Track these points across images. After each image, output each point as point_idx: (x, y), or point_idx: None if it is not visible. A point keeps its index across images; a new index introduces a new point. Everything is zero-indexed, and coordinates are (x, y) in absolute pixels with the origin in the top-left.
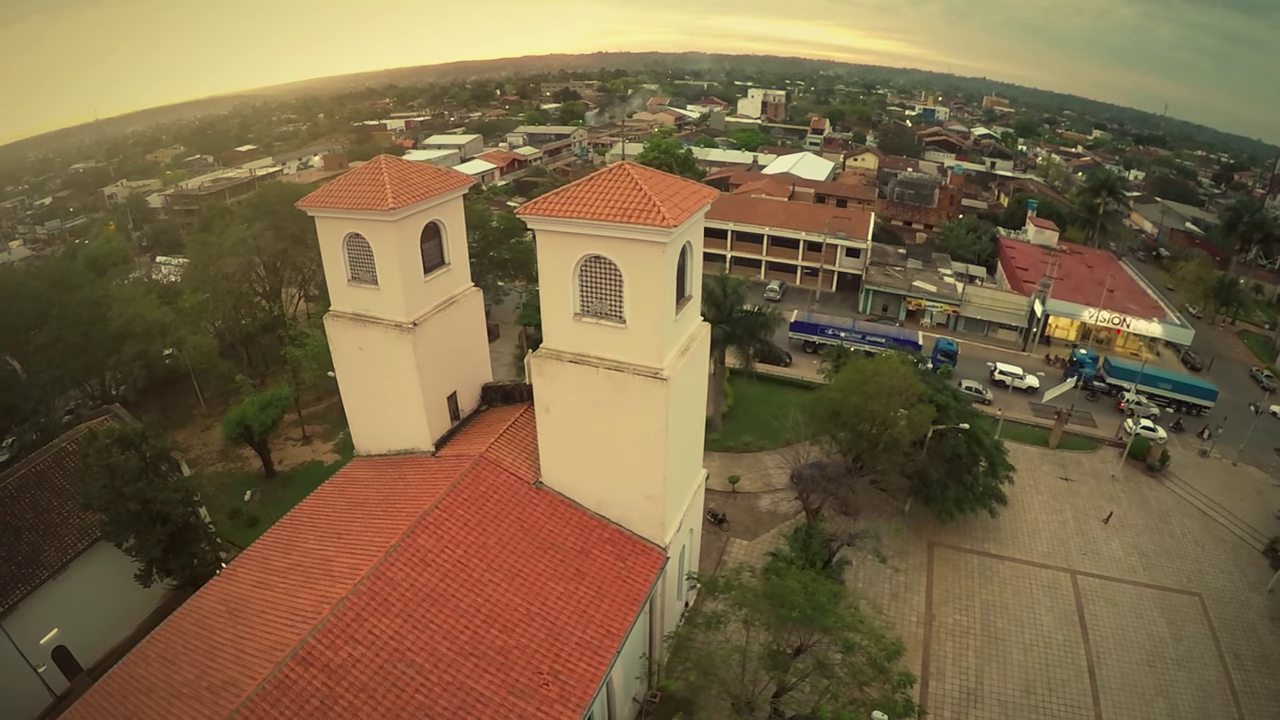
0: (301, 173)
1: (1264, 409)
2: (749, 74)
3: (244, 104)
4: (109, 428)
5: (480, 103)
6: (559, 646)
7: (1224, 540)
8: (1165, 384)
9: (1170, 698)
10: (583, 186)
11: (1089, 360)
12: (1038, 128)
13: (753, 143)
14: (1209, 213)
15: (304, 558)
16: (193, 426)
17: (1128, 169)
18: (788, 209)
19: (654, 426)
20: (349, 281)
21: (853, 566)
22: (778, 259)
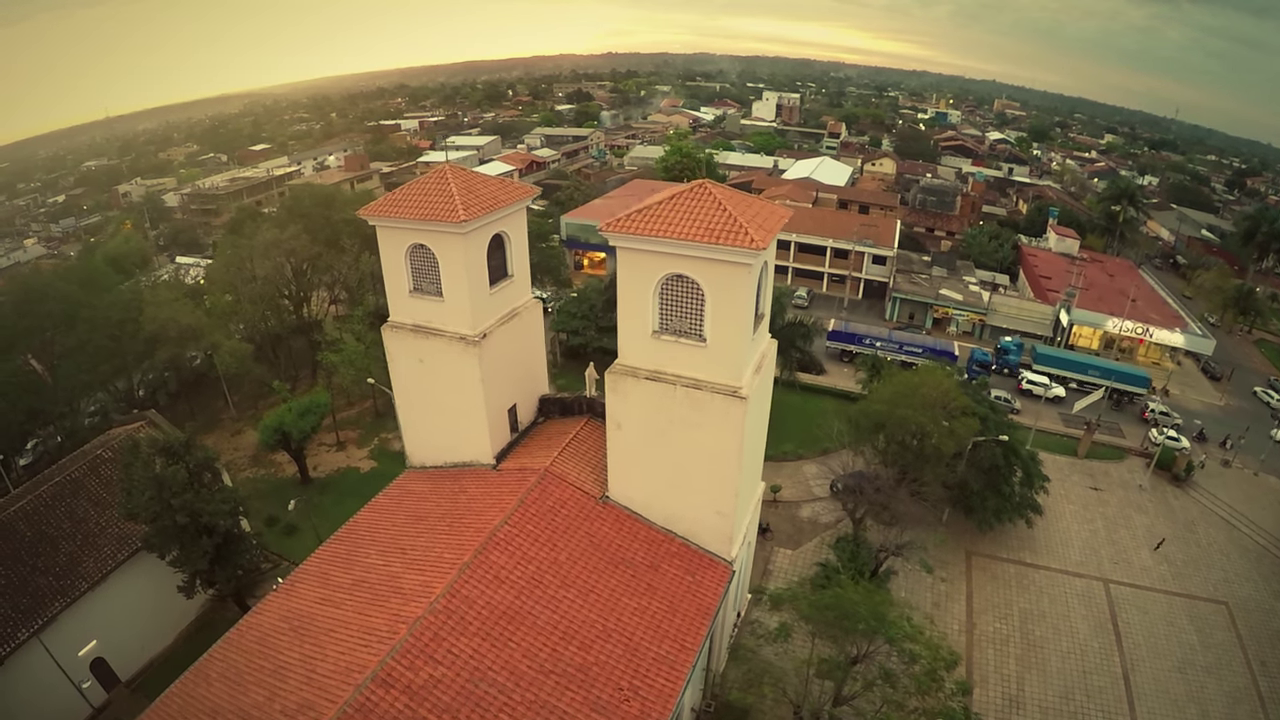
0: (322, 173)
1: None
2: (760, 75)
3: (255, 102)
4: (150, 436)
5: (493, 103)
6: (636, 662)
7: (1248, 550)
8: (1094, 370)
9: (1201, 704)
10: (665, 205)
11: (1014, 348)
12: (1050, 132)
13: (770, 146)
14: (1224, 219)
15: (368, 574)
16: (222, 431)
17: (1142, 174)
18: (814, 215)
19: (729, 444)
20: (411, 292)
21: (897, 576)
22: (804, 266)
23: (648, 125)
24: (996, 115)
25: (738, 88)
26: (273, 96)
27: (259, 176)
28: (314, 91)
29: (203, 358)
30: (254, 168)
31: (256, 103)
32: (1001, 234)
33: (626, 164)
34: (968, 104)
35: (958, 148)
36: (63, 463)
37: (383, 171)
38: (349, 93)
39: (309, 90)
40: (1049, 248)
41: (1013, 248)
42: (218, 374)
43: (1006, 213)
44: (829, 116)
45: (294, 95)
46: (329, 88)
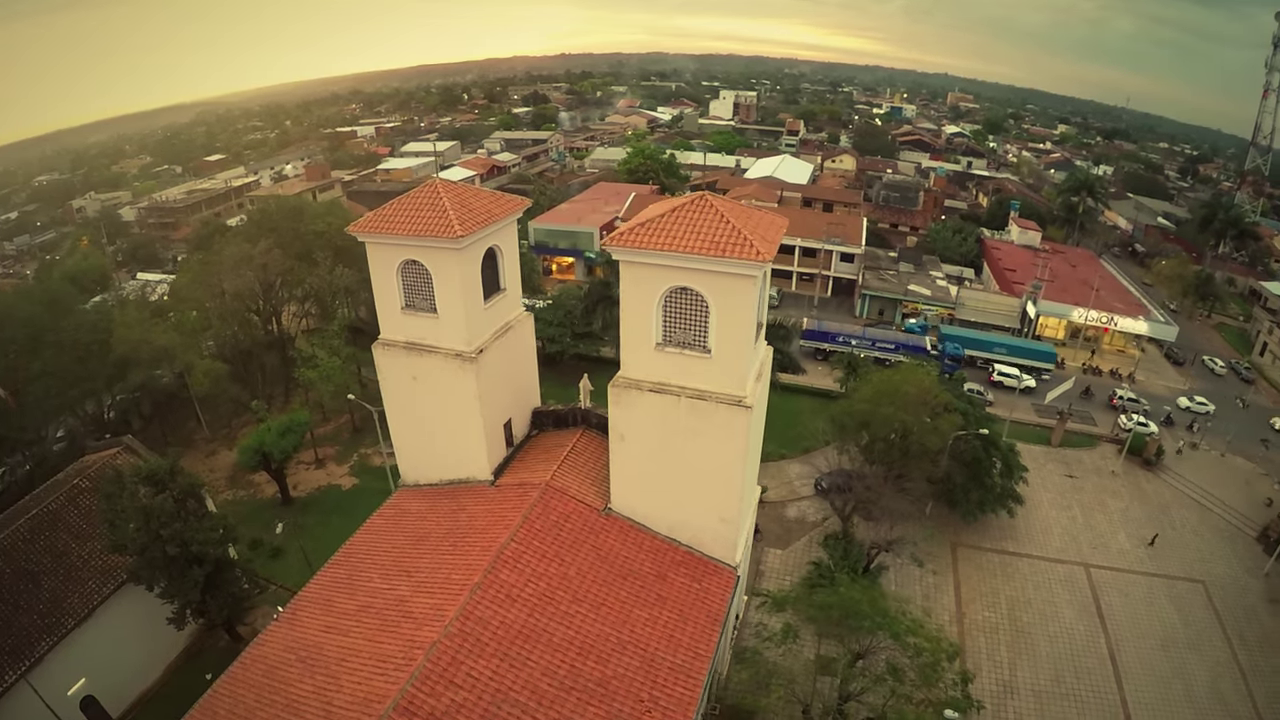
0: (282, 183)
1: (1250, 402)
2: (715, 74)
3: (207, 112)
4: (134, 464)
5: (449, 107)
6: (653, 673)
7: (1220, 529)
8: (999, 348)
9: (1185, 679)
10: (668, 219)
11: (919, 329)
12: (1004, 124)
13: (729, 145)
14: (1179, 207)
15: (373, 599)
16: (196, 452)
17: (1096, 164)
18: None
19: (734, 452)
20: (403, 309)
21: (888, 571)
22: (773, 265)
23: (606, 126)
24: (951, 108)
25: (693, 87)
26: (225, 105)
27: (217, 188)
28: (267, 99)
29: (172, 378)
30: (211, 179)
31: (208, 112)
32: (965, 228)
33: (587, 166)
34: (922, 98)
35: (915, 142)
36: (37, 494)
37: (344, 180)
38: (303, 100)
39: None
40: (1011, 240)
41: (976, 241)
42: (189, 394)
43: (967, 206)
44: (786, 114)
45: (247, 103)
46: (282, 95)
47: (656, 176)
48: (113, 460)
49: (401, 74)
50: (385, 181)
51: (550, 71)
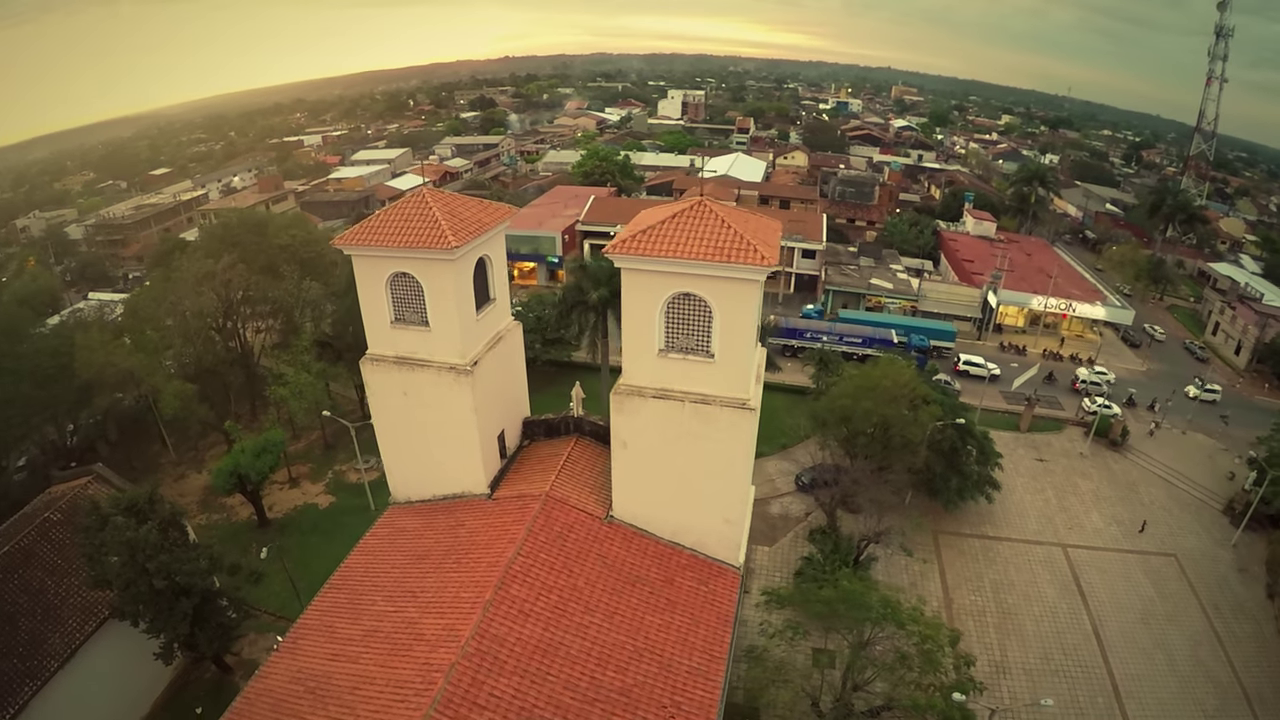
0: (234, 195)
1: (1206, 381)
2: (659, 73)
3: (148, 125)
4: (113, 496)
5: (395, 114)
6: (672, 678)
7: (1187, 504)
8: (900, 329)
9: (1166, 650)
10: (669, 225)
11: (815, 314)
12: (949, 116)
13: (682, 144)
14: (1126, 193)
15: (380, 622)
16: (163, 476)
17: (1043, 154)
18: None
19: (739, 454)
20: (392, 323)
21: (877, 562)
22: None
23: (555, 129)
24: (895, 102)
25: (639, 87)
26: (166, 118)
27: (165, 202)
28: (209, 110)
29: (134, 401)
30: (158, 193)
31: (150, 125)
32: (921, 221)
33: (540, 170)
34: (866, 92)
35: (865, 137)
36: (5, 529)
37: (297, 191)
38: (245, 110)
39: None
40: (967, 231)
41: (933, 234)
42: (153, 417)
43: (920, 199)
44: (735, 112)
45: (188, 115)
46: (224, 105)
47: (613, 178)
48: (83, 490)
49: (345, 81)
50: (338, 191)
51: (495, 75)
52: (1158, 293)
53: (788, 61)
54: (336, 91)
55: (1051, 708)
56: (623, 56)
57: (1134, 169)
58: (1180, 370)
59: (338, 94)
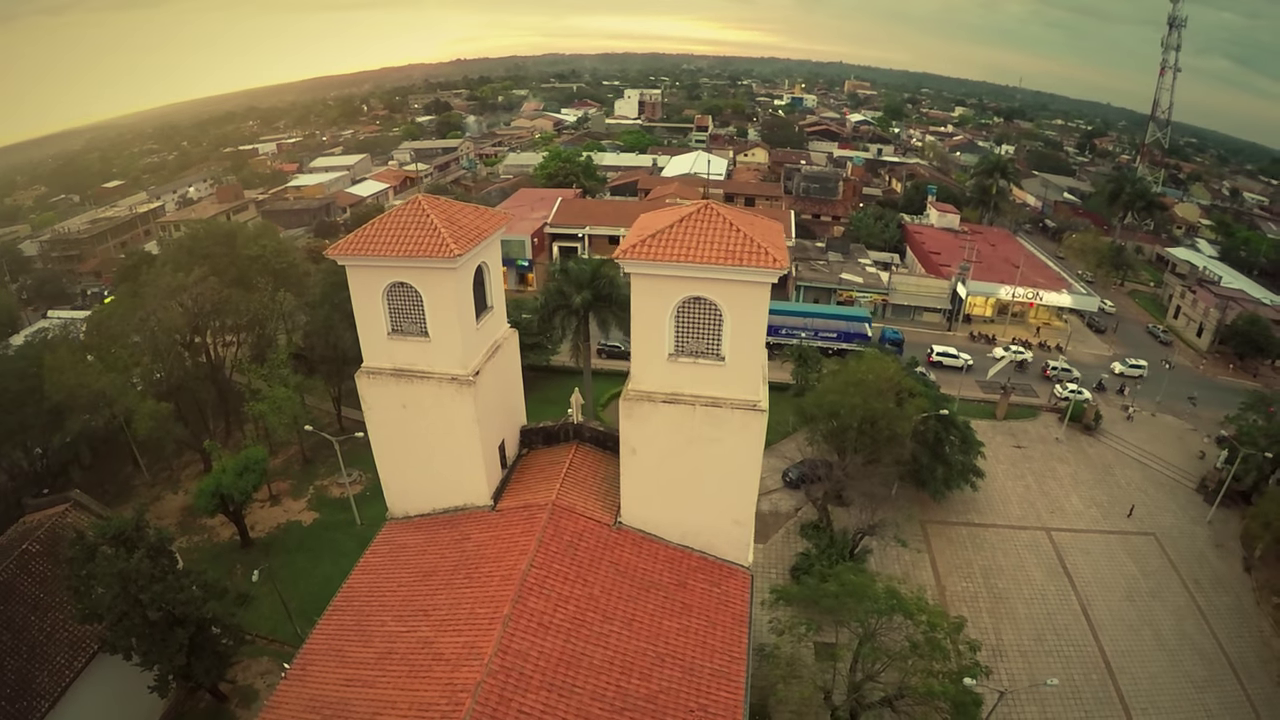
0: (193, 206)
1: (1175, 364)
2: (613, 73)
3: (98, 136)
4: (98, 524)
5: (349, 120)
6: (696, 681)
7: (1161, 484)
8: (819, 317)
9: (1152, 625)
10: (678, 229)
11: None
12: (904, 109)
13: (641, 144)
14: (1082, 181)
15: (393, 644)
16: (138, 498)
17: (999, 144)
18: None
19: (749, 456)
20: (389, 334)
21: (871, 554)
22: None
23: (512, 131)
24: (849, 96)
25: (593, 87)
26: (116, 129)
27: (121, 216)
28: (159, 120)
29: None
30: (113, 206)
31: (100, 137)
32: (885, 214)
33: (501, 172)
34: (820, 87)
35: (823, 132)
36: None
37: (257, 200)
38: (197, 119)
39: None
40: (931, 224)
41: (898, 227)
42: (125, 438)
43: (882, 193)
44: (692, 110)
45: (139, 126)
46: (175, 115)
47: (577, 179)
48: (61, 519)
49: (296, 87)
50: (298, 199)
51: (448, 78)
52: (1119, 279)
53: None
54: (289, 98)
55: (1056, 686)
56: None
57: (1089, 157)
58: (1145, 354)
59: (290, 101)
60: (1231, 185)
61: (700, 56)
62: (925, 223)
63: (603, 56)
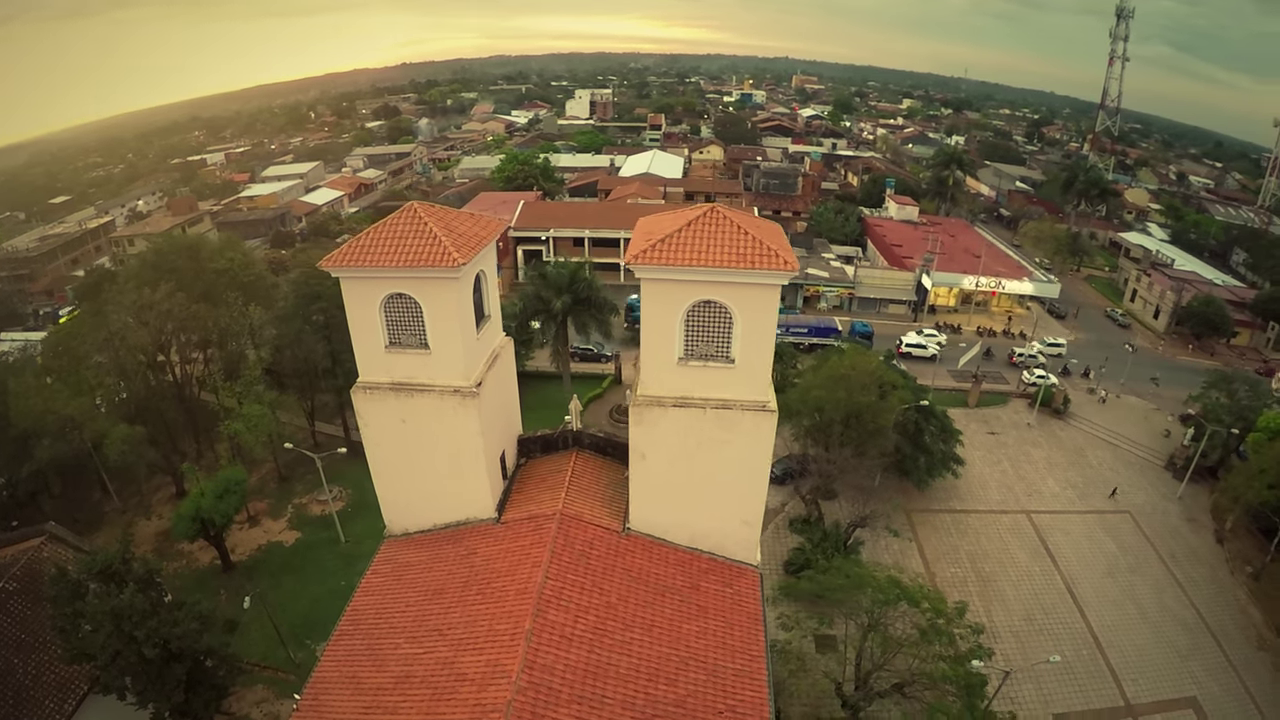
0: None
1: (1137, 347)
2: (561, 73)
3: (40, 151)
4: (83, 559)
5: (297, 127)
6: (721, 683)
7: (1131, 463)
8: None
9: (1135, 599)
10: (686, 233)
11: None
12: (853, 103)
13: (595, 144)
14: (1033, 169)
15: (410, 666)
16: (110, 526)
17: (949, 135)
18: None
19: (759, 457)
20: (387, 348)
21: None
22: None
23: (464, 135)
24: (797, 91)
25: (542, 88)
26: (58, 143)
27: (71, 232)
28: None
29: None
30: (61, 223)
31: (43, 151)
32: (845, 209)
33: (456, 176)
34: (768, 83)
35: (776, 128)
36: None
37: (212, 211)
38: (141, 131)
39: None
40: (891, 217)
41: (858, 221)
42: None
43: (839, 187)
44: (643, 109)
45: (82, 139)
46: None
47: (536, 182)
48: (38, 553)
49: (241, 96)
50: (252, 210)
51: (394, 83)
52: (1075, 265)
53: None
54: (234, 107)
55: (1058, 663)
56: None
57: (1038, 146)
58: (1106, 338)
59: (235, 109)
60: (1178, 170)
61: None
62: (885, 216)
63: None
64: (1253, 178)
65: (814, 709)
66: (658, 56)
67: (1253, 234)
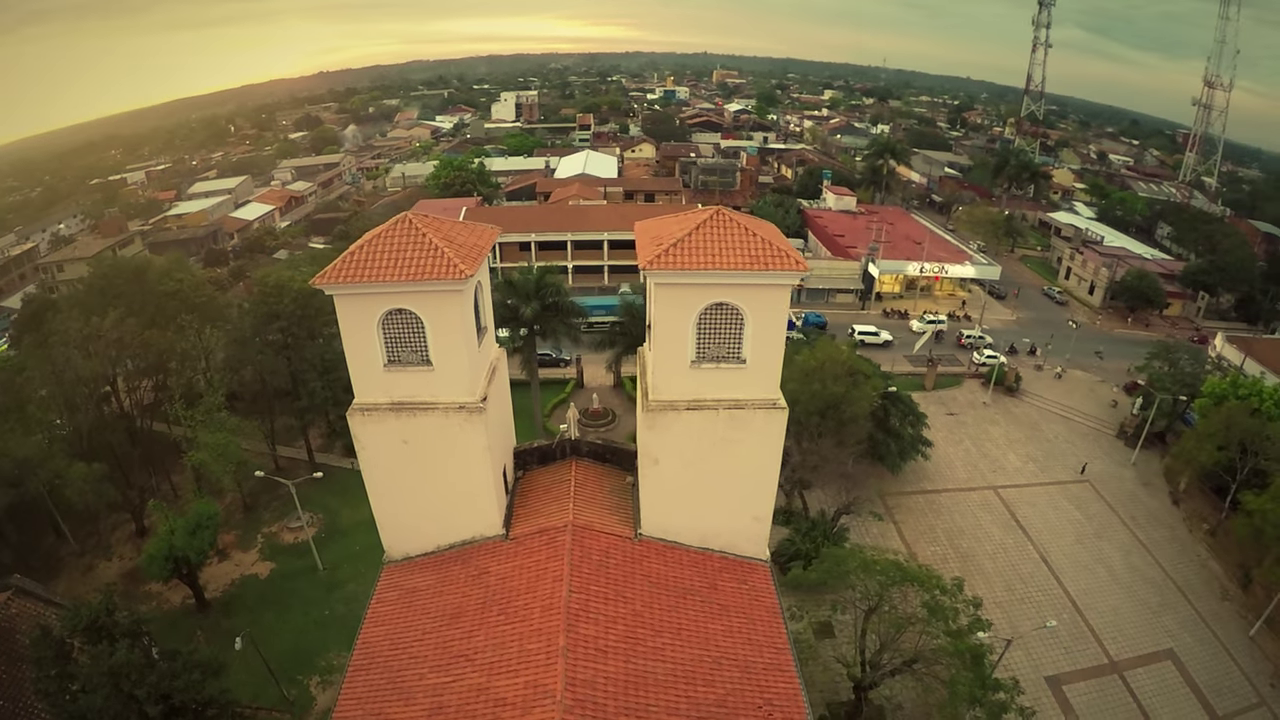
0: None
1: (1083, 324)
2: (480, 76)
3: None
4: (67, 615)
5: (217, 141)
6: (754, 679)
7: (1085, 434)
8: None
9: (1105, 563)
10: (696, 236)
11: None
12: (775, 95)
13: (525, 146)
14: (959, 155)
15: (440, 697)
16: (70, 571)
17: (874, 124)
18: (621, 212)
19: (770, 454)
20: (386, 366)
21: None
22: (619, 262)
23: (390, 142)
24: (719, 86)
25: (464, 91)
26: None
27: None
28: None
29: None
30: None
31: None
32: (785, 201)
33: (389, 185)
34: (689, 78)
35: (705, 123)
36: None
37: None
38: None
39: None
40: (829, 207)
41: (798, 213)
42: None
43: (774, 180)
44: (569, 109)
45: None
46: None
47: (474, 187)
48: (5, 609)
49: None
50: (182, 228)
51: (313, 92)
52: (1009, 246)
53: (606, 54)
54: (149, 123)
55: (1055, 628)
56: (440, 62)
57: (962, 131)
58: (1046, 316)
59: (151, 125)
60: (1098, 149)
61: (565, 55)
62: (823, 207)
63: (468, 60)
64: (1169, 153)
65: (830, 693)
66: (577, 56)
67: (1176, 208)
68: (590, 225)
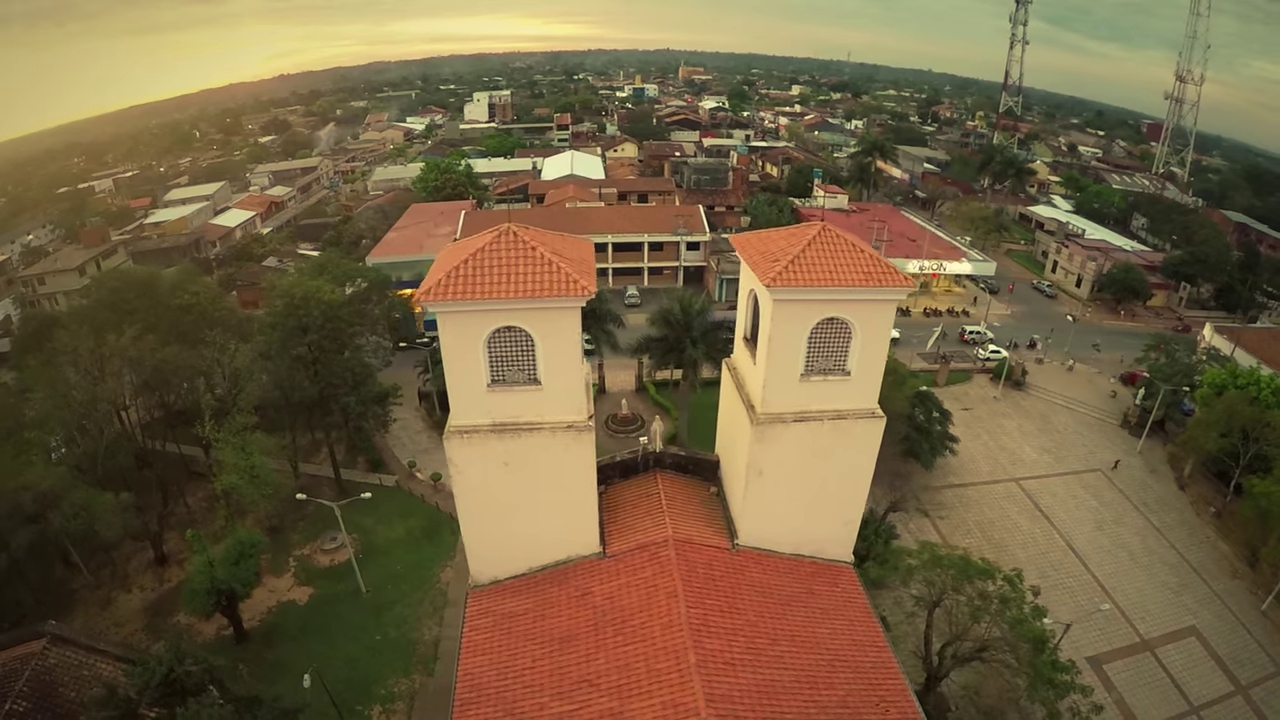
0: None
1: (1079, 318)
2: (444, 76)
3: None
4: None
5: (183, 147)
6: (867, 678)
7: (1091, 425)
8: None
9: (1125, 547)
10: (809, 252)
11: None
12: (743, 91)
13: (507, 148)
14: (936, 150)
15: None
16: (87, 606)
17: (849, 120)
18: (622, 214)
19: (866, 461)
20: (489, 386)
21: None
22: (621, 264)
23: (363, 145)
24: (686, 83)
25: (430, 92)
26: None
27: None
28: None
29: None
30: None
31: None
32: (777, 200)
33: (371, 189)
34: (655, 76)
35: (683, 121)
36: None
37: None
38: (14, 162)
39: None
40: (821, 205)
41: (791, 212)
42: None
43: (760, 178)
44: (543, 109)
45: None
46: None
47: (465, 190)
48: (42, 659)
49: (116, 118)
50: (163, 237)
51: (275, 95)
52: (996, 241)
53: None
54: (110, 130)
55: (1107, 611)
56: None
57: (935, 126)
58: (1039, 310)
59: (112, 132)
60: (1068, 141)
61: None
62: (815, 205)
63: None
64: (1135, 143)
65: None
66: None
67: (1151, 200)
68: (593, 228)
